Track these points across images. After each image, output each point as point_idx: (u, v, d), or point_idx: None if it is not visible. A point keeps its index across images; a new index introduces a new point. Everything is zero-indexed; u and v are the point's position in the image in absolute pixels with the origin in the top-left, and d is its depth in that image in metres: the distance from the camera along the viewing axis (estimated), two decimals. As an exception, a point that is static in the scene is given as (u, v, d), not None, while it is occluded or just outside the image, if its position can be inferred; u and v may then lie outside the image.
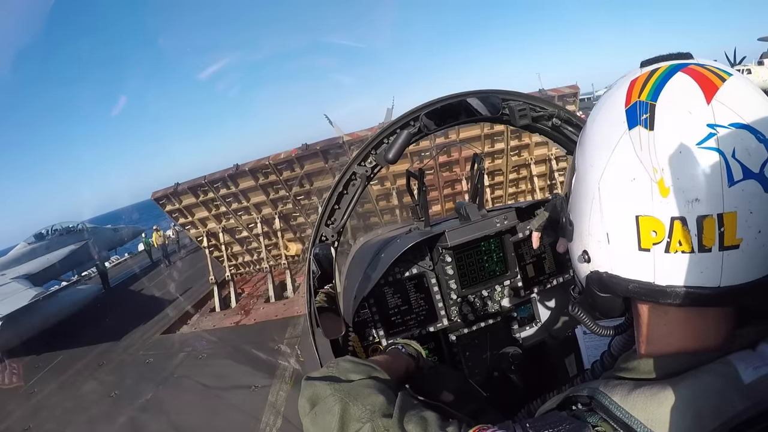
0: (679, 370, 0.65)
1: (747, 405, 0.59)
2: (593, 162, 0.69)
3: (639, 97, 0.66)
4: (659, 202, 0.61)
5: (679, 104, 0.62)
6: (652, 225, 0.62)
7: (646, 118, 0.63)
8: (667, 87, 0.64)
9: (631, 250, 0.65)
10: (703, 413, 0.59)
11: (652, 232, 0.62)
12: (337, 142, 10.15)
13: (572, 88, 10.04)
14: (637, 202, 0.63)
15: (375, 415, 0.82)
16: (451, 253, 1.74)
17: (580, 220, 0.73)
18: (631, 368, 0.71)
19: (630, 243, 0.64)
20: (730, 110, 0.60)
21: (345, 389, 0.88)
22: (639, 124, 0.64)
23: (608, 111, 0.70)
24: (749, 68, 24.91)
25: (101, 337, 11.87)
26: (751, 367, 0.61)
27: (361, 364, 0.99)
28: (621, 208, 0.65)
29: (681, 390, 0.61)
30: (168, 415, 7.44)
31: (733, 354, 0.64)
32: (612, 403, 0.65)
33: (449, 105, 1.57)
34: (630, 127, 0.65)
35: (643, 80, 0.67)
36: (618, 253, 0.67)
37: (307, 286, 1.53)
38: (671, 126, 0.61)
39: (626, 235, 0.65)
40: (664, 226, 0.61)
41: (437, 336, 1.77)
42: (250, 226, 11.84)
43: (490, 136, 10.00)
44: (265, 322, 10.68)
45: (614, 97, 0.70)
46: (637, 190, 0.63)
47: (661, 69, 0.67)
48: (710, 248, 0.59)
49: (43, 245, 16.92)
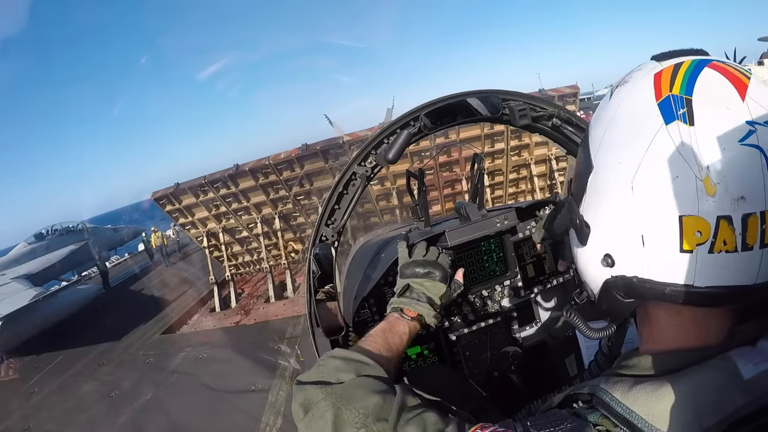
0: (680, 366, 0.65)
1: (747, 400, 0.59)
2: (622, 159, 0.65)
3: (671, 90, 0.63)
4: (705, 200, 0.59)
5: (716, 99, 0.61)
6: (698, 225, 0.59)
7: (684, 112, 0.61)
8: (700, 81, 0.63)
9: (672, 252, 0.62)
10: (703, 409, 0.59)
11: (697, 233, 0.60)
12: (337, 142, 10.14)
13: (572, 88, 10.03)
14: (681, 201, 0.60)
15: (369, 419, 0.79)
16: (451, 253, 1.74)
17: (602, 221, 0.69)
18: (631, 365, 0.72)
19: (671, 245, 0.61)
20: (763, 108, 0.60)
21: (337, 392, 0.85)
22: (677, 118, 0.61)
23: (635, 104, 0.67)
24: (749, 68, 24.83)
25: (101, 337, 11.86)
26: (751, 363, 0.62)
27: (352, 360, 0.94)
28: (662, 208, 0.61)
29: (681, 386, 0.61)
30: (168, 415, 7.44)
31: (733, 350, 0.64)
32: (613, 399, 0.65)
33: (449, 105, 1.57)
34: (667, 121, 0.62)
35: (670, 73, 0.65)
36: (655, 255, 0.63)
37: (307, 286, 1.53)
38: (712, 122, 0.60)
39: (667, 236, 0.61)
40: (710, 225, 0.59)
41: (437, 336, 1.77)
42: (250, 226, 11.83)
43: (490, 136, 9.99)
44: (265, 322, 10.67)
45: (639, 89, 0.67)
46: (681, 188, 0.60)
47: (687, 63, 0.66)
48: (752, 246, 0.59)
49: (43, 245, 16.92)
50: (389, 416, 0.79)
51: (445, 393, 1.03)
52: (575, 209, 0.76)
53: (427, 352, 1.76)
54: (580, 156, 0.76)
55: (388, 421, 0.78)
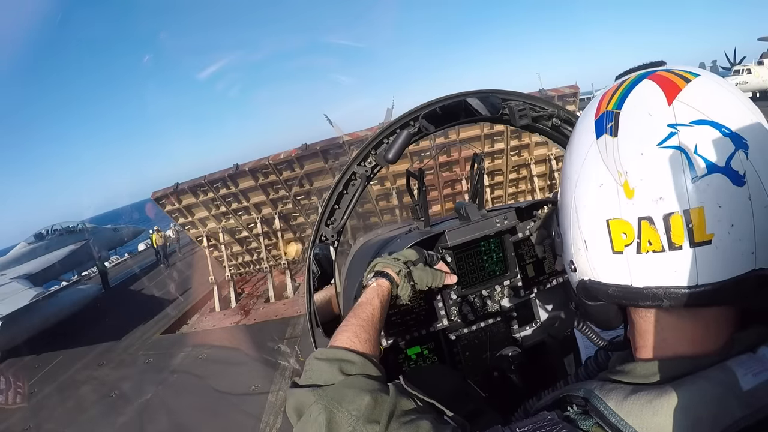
0: (676, 374, 0.64)
1: (746, 413, 0.57)
2: (569, 174, 0.73)
3: (606, 107, 0.69)
4: (625, 203, 0.63)
5: (640, 108, 0.65)
6: (622, 227, 0.63)
7: (611, 126, 0.66)
8: (632, 95, 0.67)
9: (606, 254, 0.67)
10: (700, 422, 0.58)
11: (623, 234, 0.63)
12: (337, 142, 10.15)
13: (572, 88, 10.04)
14: (606, 207, 0.65)
15: (360, 422, 0.78)
16: (451, 253, 1.74)
17: (565, 231, 0.77)
18: (627, 371, 0.70)
19: (604, 247, 0.66)
20: (693, 108, 0.62)
21: (328, 395, 0.84)
22: (605, 132, 0.67)
23: (581, 124, 0.74)
24: (749, 68, 24.81)
25: (101, 337, 11.88)
26: (750, 373, 0.60)
27: (335, 359, 0.93)
28: (593, 215, 0.67)
29: (677, 398, 0.59)
30: (168, 415, 7.45)
31: (732, 359, 0.62)
32: (607, 408, 0.63)
33: (449, 105, 1.57)
34: (597, 136, 0.68)
35: (612, 91, 0.71)
36: (595, 258, 0.69)
37: (307, 286, 1.53)
38: (632, 130, 0.64)
39: (600, 239, 0.67)
40: (633, 227, 0.62)
41: (437, 336, 1.77)
42: (250, 226, 11.84)
43: (490, 136, 10.00)
44: (265, 322, 10.70)
45: (588, 110, 0.74)
46: (604, 195, 0.65)
47: (629, 79, 0.71)
48: (681, 246, 0.60)
49: (43, 245, 16.93)
50: (380, 418, 0.78)
51: (444, 393, 1.03)
52: (555, 220, 0.83)
53: (427, 352, 1.76)
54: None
55: (379, 423, 0.77)
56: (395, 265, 1.30)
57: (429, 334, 1.76)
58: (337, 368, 0.91)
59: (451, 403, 0.91)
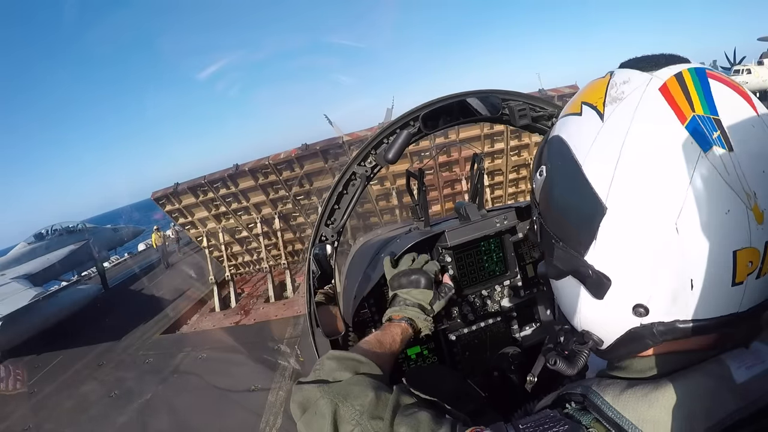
0: (672, 369, 0.64)
1: (739, 405, 0.59)
2: (657, 196, 0.56)
3: (693, 110, 0.57)
4: (756, 230, 0.56)
5: (742, 117, 0.58)
6: (750, 255, 0.56)
7: (719, 135, 0.56)
8: (716, 96, 0.59)
9: (723, 288, 0.58)
10: (694, 414, 0.59)
11: (749, 263, 0.57)
12: (337, 142, 10.14)
13: (572, 88, 10.03)
14: (734, 236, 0.55)
15: (364, 417, 0.80)
16: (451, 253, 1.74)
17: (633, 271, 0.61)
18: (624, 367, 0.71)
19: (724, 281, 0.57)
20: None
21: (334, 390, 0.86)
22: (714, 144, 0.55)
23: (652, 129, 0.58)
24: (749, 68, 24.83)
25: (101, 337, 11.86)
26: (743, 367, 0.61)
27: (346, 359, 0.97)
28: (714, 246, 0.56)
29: (673, 391, 0.61)
30: (168, 415, 7.44)
31: (726, 353, 0.64)
32: (604, 402, 0.64)
33: (449, 105, 1.57)
34: (704, 148, 0.55)
35: (680, 88, 0.59)
36: (704, 296, 0.58)
37: (307, 286, 1.53)
38: (747, 143, 0.56)
39: (720, 274, 0.57)
40: (760, 253, 0.56)
41: (437, 336, 1.77)
42: (249, 226, 11.83)
43: (490, 136, 10.00)
44: (265, 322, 10.69)
45: (649, 111, 0.59)
46: (733, 222, 0.55)
47: (687, 73, 0.61)
48: None
49: (42, 245, 16.90)
50: (384, 414, 0.80)
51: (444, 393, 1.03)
52: (576, 258, 0.65)
53: (427, 352, 1.76)
54: (574, 194, 0.64)
55: (383, 419, 0.79)
56: (421, 321, 1.31)
57: (429, 334, 1.77)
58: (346, 367, 0.94)
59: (451, 404, 0.92)
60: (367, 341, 1.11)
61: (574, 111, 0.69)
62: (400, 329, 1.23)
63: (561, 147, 0.68)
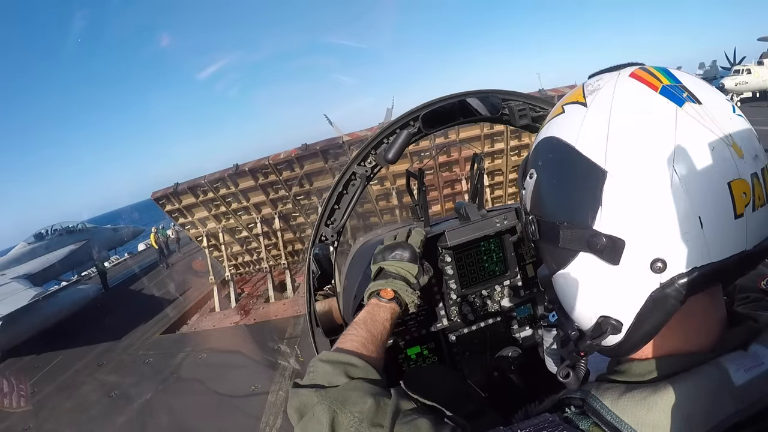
0: (671, 372, 0.64)
1: (738, 408, 0.59)
2: (650, 150, 0.62)
3: (661, 83, 0.67)
4: (740, 162, 0.62)
5: (700, 83, 0.69)
6: (742, 187, 0.62)
7: (688, 95, 0.66)
8: (676, 74, 0.70)
9: (728, 222, 0.61)
10: (693, 417, 0.59)
11: (743, 194, 0.62)
12: (336, 142, 10.15)
13: (572, 88, 10.02)
14: (725, 169, 0.61)
15: (363, 424, 0.79)
16: (451, 253, 1.74)
17: (645, 225, 0.62)
18: (623, 371, 0.71)
19: (727, 215, 0.61)
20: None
21: (332, 396, 0.85)
22: (686, 100, 0.65)
23: (632, 101, 0.66)
24: (749, 68, 24.81)
25: (101, 337, 11.87)
26: (742, 369, 0.61)
27: (339, 362, 0.93)
28: (710, 181, 0.61)
29: (671, 394, 0.61)
30: (168, 415, 7.45)
31: (724, 355, 0.64)
32: (603, 407, 0.64)
33: (449, 105, 1.57)
34: (679, 104, 0.65)
35: (647, 73, 0.70)
36: (713, 232, 0.61)
37: (307, 286, 1.53)
38: (711, 98, 0.67)
39: (722, 207, 0.61)
40: (749, 183, 0.62)
41: (437, 336, 1.77)
42: (249, 226, 11.84)
43: (490, 136, 9.99)
44: (265, 322, 10.69)
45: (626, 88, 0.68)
46: (719, 157, 0.62)
47: (649, 67, 0.72)
48: None
49: (42, 245, 16.93)
50: (383, 422, 0.79)
51: (444, 394, 1.03)
52: (585, 230, 0.66)
53: (427, 352, 1.76)
54: (572, 170, 0.68)
55: (382, 426, 0.78)
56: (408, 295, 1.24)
57: (429, 334, 1.76)
58: (341, 371, 0.91)
59: (451, 404, 0.91)
60: (357, 335, 1.05)
61: (557, 113, 0.75)
62: (389, 313, 1.16)
63: (550, 142, 0.73)
